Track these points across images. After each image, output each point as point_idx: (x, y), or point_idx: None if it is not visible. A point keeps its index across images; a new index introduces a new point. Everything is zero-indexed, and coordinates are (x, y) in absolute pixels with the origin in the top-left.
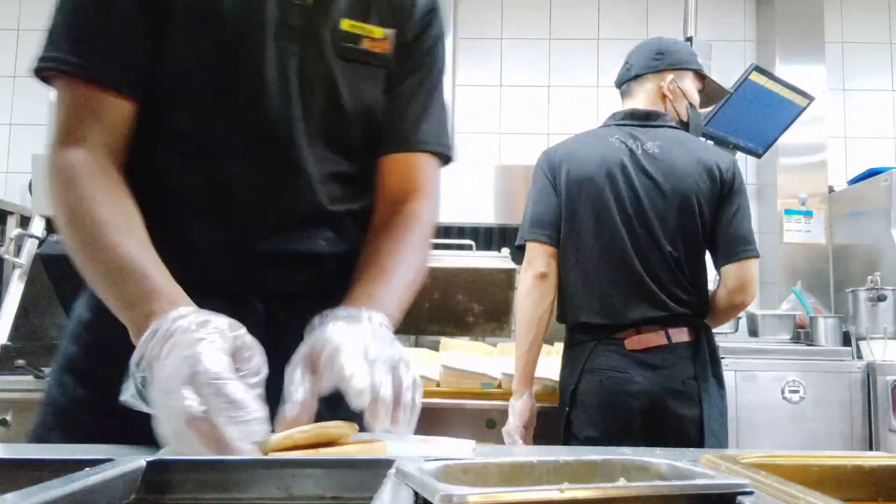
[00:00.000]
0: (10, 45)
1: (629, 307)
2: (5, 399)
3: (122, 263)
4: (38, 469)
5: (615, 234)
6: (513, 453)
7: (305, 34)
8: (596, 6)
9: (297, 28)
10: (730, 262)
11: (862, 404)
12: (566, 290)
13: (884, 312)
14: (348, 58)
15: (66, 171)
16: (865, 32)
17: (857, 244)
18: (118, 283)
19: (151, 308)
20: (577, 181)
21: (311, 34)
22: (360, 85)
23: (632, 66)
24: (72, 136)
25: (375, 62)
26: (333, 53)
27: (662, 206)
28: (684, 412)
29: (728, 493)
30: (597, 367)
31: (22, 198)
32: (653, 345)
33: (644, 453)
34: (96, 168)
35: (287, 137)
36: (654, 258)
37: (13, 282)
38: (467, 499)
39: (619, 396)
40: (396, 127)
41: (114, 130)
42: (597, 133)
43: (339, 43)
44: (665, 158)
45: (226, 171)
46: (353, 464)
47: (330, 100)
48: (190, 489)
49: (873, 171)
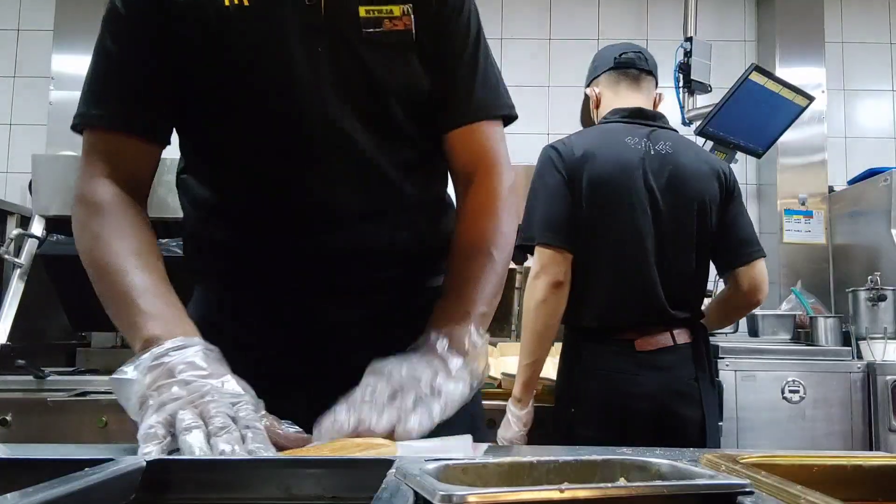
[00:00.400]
0: (10, 45)
1: (638, 309)
2: (5, 399)
3: (124, 290)
4: (38, 469)
5: (635, 238)
6: (513, 453)
7: (328, 29)
8: (596, 6)
9: (319, 26)
10: (742, 265)
11: (862, 404)
12: (573, 292)
13: (884, 312)
14: (374, 41)
15: (90, 205)
16: (865, 32)
17: (857, 244)
18: (119, 309)
19: (142, 336)
20: (599, 183)
21: (334, 28)
22: (392, 65)
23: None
24: (96, 175)
25: (401, 39)
26: (359, 41)
27: (681, 210)
28: (687, 413)
29: (728, 493)
30: (601, 368)
31: (22, 198)
32: (661, 346)
33: (644, 453)
34: (118, 201)
35: (337, 132)
36: (672, 261)
37: (13, 282)
38: (467, 499)
39: (624, 398)
40: (450, 101)
41: (134, 169)
42: (608, 130)
43: (362, 30)
44: (676, 161)
45: (282, 177)
46: (353, 464)
47: (368, 85)
48: (190, 489)
49: (873, 171)
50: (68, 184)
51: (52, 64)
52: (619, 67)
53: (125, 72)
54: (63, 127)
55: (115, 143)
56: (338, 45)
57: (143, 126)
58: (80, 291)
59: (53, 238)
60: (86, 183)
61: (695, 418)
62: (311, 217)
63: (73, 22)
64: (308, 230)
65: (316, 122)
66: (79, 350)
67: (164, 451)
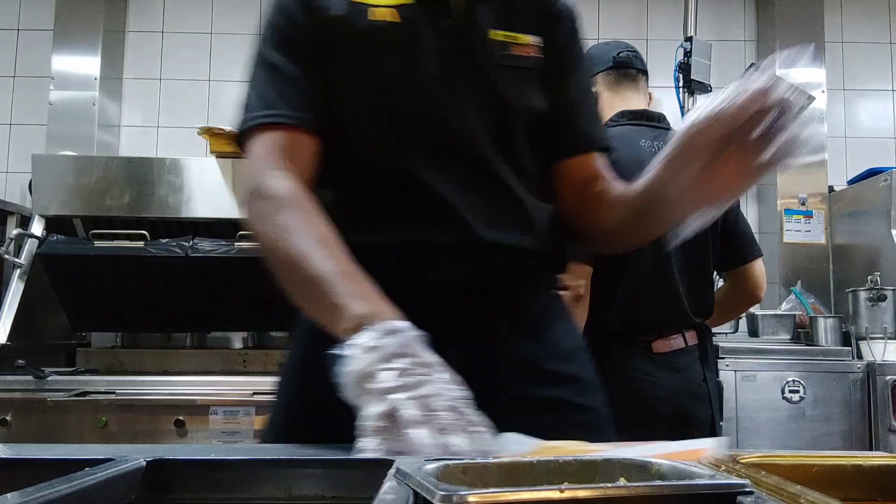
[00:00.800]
0: (10, 45)
1: (660, 312)
2: (5, 399)
3: (322, 274)
4: (38, 469)
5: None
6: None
7: (465, 50)
8: (596, 6)
9: (455, 47)
10: (744, 264)
11: (862, 404)
12: (596, 295)
13: (884, 312)
14: (503, 64)
15: (272, 199)
16: (865, 32)
17: (857, 244)
18: (317, 293)
19: (350, 315)
20: None
21: (469, 49)
22: (518, 87)
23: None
24: (274, 170)
25: (527, 65)
26: (490, 63)
27: None
28: (700, 414)
29: (728, 493)
30: (621, 370)
31: (22, 198)
32: (676, 348)
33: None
34: (299, 194)
35: (472, 146)
36: (692, 264)
37: (13, 282)
38: (467, 499)
39: (646, 399)
40: (572, 130)
41: (308, 164)
42: (624, 134)
43: (492, 52)
44: None
45: (415, 185)
46: (353, 464)
47: (498, 105)
48: (190, 489)
49: (873, 171)
50: (68, 184)
51: (52, 64)
52: (619, 67)
53: (291, 78)
54: (63, 127)
55: (293, 139)
56: (472, 65)
57: (314, 124)
58: (80, 291)
59: (53, 238)
60: (263, 178)
61: (706, 419)
62: (443, 223)
63: (73, 22)
64: (441, 232)
65: (452, 135)
66: (79, 350)
67: (384, 446)
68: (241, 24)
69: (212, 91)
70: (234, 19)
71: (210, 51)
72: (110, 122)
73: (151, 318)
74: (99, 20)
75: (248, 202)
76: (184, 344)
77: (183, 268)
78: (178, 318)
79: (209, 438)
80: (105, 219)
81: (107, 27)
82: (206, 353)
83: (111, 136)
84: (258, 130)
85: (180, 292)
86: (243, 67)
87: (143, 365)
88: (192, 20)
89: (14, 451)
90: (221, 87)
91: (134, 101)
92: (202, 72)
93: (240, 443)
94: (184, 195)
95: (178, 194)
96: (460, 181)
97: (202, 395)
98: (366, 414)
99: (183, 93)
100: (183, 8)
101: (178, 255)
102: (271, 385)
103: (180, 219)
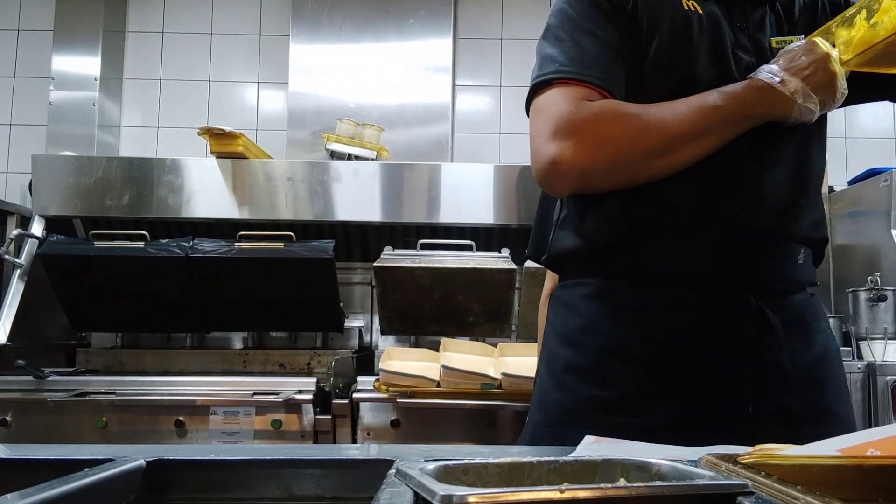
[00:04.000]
0: (10, 45)
1: None
2: (5, 399)
3: (701, 98)
4: (38, 469)
5: None
6: (513, 453)
7: (755, 52)
8: None
9: (748, 48)
10: None
11: (862, 404)
12: None
13: (884, 312)
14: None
15: (602, 109)
16: None
17: (857, 244)
18: (726, 116)
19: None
20: None
21: (759, 51)
22: None
23: None
24: (580, 101)
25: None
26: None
27: None
28: None
29: (728, 493)
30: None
31: (22, 198)
32: None
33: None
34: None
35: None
36: None
37: (13, 282)
38: (467, 499)
39: None
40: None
41: None
42: None
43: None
44: None
45: (718, 172)
46: (353, 464)
47: None
48: (190, 489)
49: (873, 171)
50: (68, 184)
51: (52, 64)
52: None
53: (607, 48)
54: (63, 127)
55: (589, 95)
56: (758, 64)
57: (610, 84)
58: (80, 291)
59: (53, 238)
60: (577, 106)
61: None
62: (747, 203)
63: (73, 22)
64: (747, 217)
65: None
66: (79, 350)
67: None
68: (241, 24)
69: (212, 91)
70: (234, 19)
71: (210, 51)
72: (110, 123)
73: (151, 318)
74: (99, 20)
75: (563, 128)
76: (184, 344)
77: (183, 268)
78: (178, 318)
79: (209, 439)
80: (105, 219)
81: (107, 27)
82: (206, 353)
83: (111, 136)
84: (563, 83)
85: (180, 292)
86: (243, 67)
87: (143, 365)
88: (192, 20)
89: (14, 451)
90: (221, 88)
91: (134, 101)
92: (202, 72)
93: (239, 443)
94: (184, 195)
95: (178, 195)
96: (762, 161)
97: (202, 396)
98: None
99: (183, 93)
100: (183, 8)
101: (178, 256)
102: (271, 385)
103: (180, 219)
